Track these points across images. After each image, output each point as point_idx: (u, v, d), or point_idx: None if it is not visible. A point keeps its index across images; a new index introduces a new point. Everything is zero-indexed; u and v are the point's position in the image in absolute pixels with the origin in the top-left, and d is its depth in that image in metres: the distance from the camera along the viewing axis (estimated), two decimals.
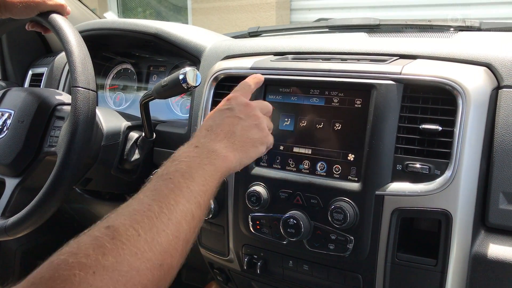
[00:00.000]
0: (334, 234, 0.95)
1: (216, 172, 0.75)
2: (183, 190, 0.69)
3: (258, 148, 0.86)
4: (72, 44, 1.08)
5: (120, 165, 1.30)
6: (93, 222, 0.62)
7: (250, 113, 0.88)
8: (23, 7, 1.09)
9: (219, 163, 0.77)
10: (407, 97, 0.92)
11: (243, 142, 0.83)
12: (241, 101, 0.89)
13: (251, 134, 0.85)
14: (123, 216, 0.62)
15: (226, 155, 0.79)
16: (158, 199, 0.65)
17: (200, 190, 0.71)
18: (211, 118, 0.86)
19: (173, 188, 0.68)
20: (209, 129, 0.83)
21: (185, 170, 0.72)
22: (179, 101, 1.52)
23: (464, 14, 3.71)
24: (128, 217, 0.61)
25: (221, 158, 0.78)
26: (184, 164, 0.73)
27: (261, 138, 0.87)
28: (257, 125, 0.87)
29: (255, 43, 1.27)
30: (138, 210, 0.63)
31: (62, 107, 1.23)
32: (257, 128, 0.87)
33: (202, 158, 0.76)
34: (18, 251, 1.82)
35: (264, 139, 0.88)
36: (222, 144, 0.80)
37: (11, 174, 1.19)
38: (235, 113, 0.86)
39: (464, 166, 0.87)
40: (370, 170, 0.92)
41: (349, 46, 1.12)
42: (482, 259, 0.91)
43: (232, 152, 0.80)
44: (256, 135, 0.86)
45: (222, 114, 0.86)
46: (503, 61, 0.95)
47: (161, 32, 1.40)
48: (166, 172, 0.72)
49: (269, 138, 0.90)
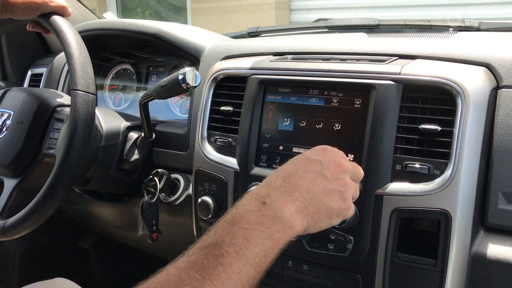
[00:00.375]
0: (333, 234, 0.95)
1: (274, 248, 0.66)
2: (231, 276, 0.60)
3: (332, 219, 0.75)
4: (72, 47, 1.08)
5: (120, 166, 1.30)
6: (92, 223, 0.62)
7: (339, 176, 0.76)
8: (24, 8, 1.09)
9: (280, 236, 0.67)
10: (406, 97, 0.92)
11: (318, 208, 0.72)
12: (335, 157, 0.78)
13: (330, 201, 0.74)
14: None
15: (292, 223, 0.68)
16: (200, 287, 0.57)
17: (250, 275, 0.62)
18: (294, 165, 0.76)
19: (224, 272, 0.60)
20: (286, 180, 0.73)
21: (241, 245, 0.63)
22: (179, 101, 1.52)
23: (463, 14, 3.72)
24: None
25: (286, 229, 0.68)
26: (242, 235, 0.64)
27: (340, 209, 0.75)
28: (341, 192, 0.76)
29: (255, 43, 1.27)
30: None
31: (61, 109, 1.23)
32: (340, 195, 0.76)
33: (265, 227, 0.66)
34: (17, 251, 1.82)
35: (343, 211, 0.76)
36: (294, 206, 0.70)
37: (10, 174, 1.19)
38: (323, 170, 0.75)
39: (464, 166, 0.87)
40: (369, 170, 0.91)
41: (348, 46, 1.12)
42: (482, 259, 0.91)
43: (300, 219, 0.70)
44: (335, 204, 0.75)
45: (308, 165, 0.76)
46: (502, 61, 0.95)
47: (160, 32, 1.40)
48: (221, 242, 0.63)
49: (349, 211, 0.78)
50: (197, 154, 1.16)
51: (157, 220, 1.27)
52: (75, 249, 1.97)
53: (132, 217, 1.41)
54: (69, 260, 1.96)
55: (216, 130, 1.15)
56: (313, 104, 1.00)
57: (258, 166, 1.05)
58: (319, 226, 0.73)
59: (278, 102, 1.05)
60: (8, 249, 1.82)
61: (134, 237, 1.37)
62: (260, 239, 0.65)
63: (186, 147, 1.30)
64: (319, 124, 0.99)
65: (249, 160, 1.05)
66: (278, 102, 1.05)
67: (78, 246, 1.98)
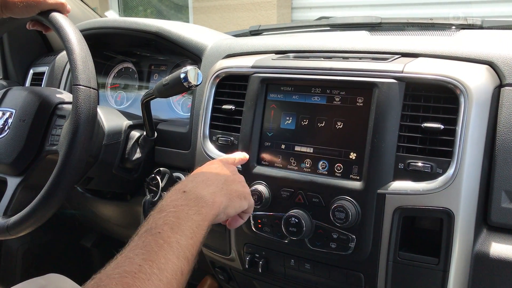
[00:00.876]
0: (336, 233, 0.95)
1: (204, 221, 0.76)
2: (172, 245, 0.69)
3: (242, 201, 0.88)
4: (73, 43, 1.08)
5: (122, 164, 1.30)
6: (94, 221, 0.63)
7: (235, 172, 0.94)
8: (23, 6, 1.09)
9: (206, 211, 0.78)
10: (409, 96, 0.92)
11: (229, 191, 0.86)
12: (227, 162, 0.96)
13: (237, 186, 0.89)
14: (114, 280, 0.61)
15: (213, 200, 0.80)
16: (148, 258, 0.65)
17: (189, 244, 0.71)
18: (199, 168, 0.91)
19: (163, 244, 0.68)
20: (196, 175, 0.87)
21: (174, 222, 0.72)
22: (180, 100, 1.52)
23: (466, 12, 3.70)
24: (119, 280, 0.61)
25: (209, 205, 0.79)
26: (172, 215, 0.73)
27: (245, 193, 0.90)
28: (241, 182, 0.92)
29: (257, 42, 1.27)
30: (129, 271, 0.62)
31: (63, 106, 1.23)
32: (241, 184, 0.91)
33: (190, 207, 0.76)
34: (20, 250, 1.82)
35: (247, 195, 0.91)
36: (210, 189, 0.82)
37: (13, 173, 1.19)
38: (222, 167, 0.91)
39: (466, 164, 0.86)
40: (372, 168, 0.91)
41: (350, 44, 1.12)
42: (484, 257, 0.91)
43: (219, 198, 0.82)
44: (241, 188, 0.90)
45: (210, 165, 0.92)
46: (506, 59, 0.94)
47: (162, 31, 1.40)
48: (155, 225, 0.71)
49: (251, 199, 0.93)
50: (199, 153, 1.16)
51: None
52: (77, 248, 1.98)
53: (134, 216, 1.41)
54: (71, 258, 1.96)
55: (218, 128, 1.15)
56: (315, 103, 1.00)
57: (260, 164, 1.05)
58: (235, 205, 0.86)
59: (280, 101, 1.04)
60: (11, 248, 1.82)
61: None
62: (188, 215, 0.74)
63: (188, 145, 1.30)
64: (321, 122, 0.99)
65: (251, 158, 1.05)
66: (280, 101, 1.04)
67: (80, 245, 1.98)
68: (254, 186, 1.02)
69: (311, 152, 1.00)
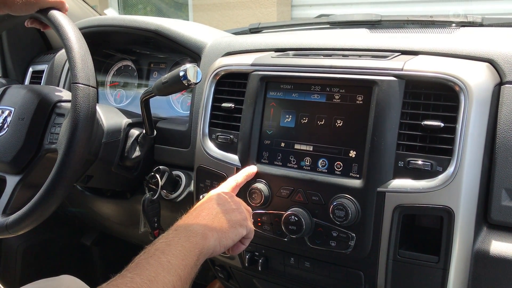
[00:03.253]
0: (335, 231, 0.95)
1: (194, 248, 0.79)
2: (163, 264, 0.72)
3: (238, 229, 0.89)
4: (71, 41, 1.08)
5: (121, 162, 1.30)
6: (94, 220, 0.64)
7: (229, 199, 0.93)
8: (22, 3, 1.09)
9: (197, 240, 0.80)
10: (409, 93, 0.92)
11: (222, 223, 0.87)
12: (220, 193, 0.95)
13: (230, 216, 0.89)
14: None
15: (204, 233, 0.82)
16: (139, 273, 0.69)
17: (180, 264, 0.74)
18: (193, 209, 0.91)
19: (154, 263, 0.72)
20: (189, 214, 0.89)
21: (165, 247, 0.76)
22: (180, 98, 1.52)
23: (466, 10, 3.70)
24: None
25: (199, 236, 0.81)
26: (163, 243, 0.77)
27: (241, 220, 0.91)
28: (236, 209, 0.92)
29: (256, 40, 1.27)
30: (120, 282, 0.67)
31: (62, 104, 1.22)
32: (237, 211, 0.91)
33: (180, 237, 0.80)
34: (19, 249, 1.82)
35: (244, 222, 0.91)
36: (201, 223, 0.85)
37: (12, 171, 1.19)
38: (214, 203, 0.91)
39: (466, 162, 0.86)
40: (371, 167, 0.91)
41: (350, 42, 1.12)
42: (485, 256, 0.91)
43: (210, 232, 0.83)
44: (235, 217, 0.90)
45: (202, 204, 0.91)
46: (506, 57, 0.94)
47: (161, 29, 1.39)
48: (147, 252, 0.76)
49: (249, 223, 0.93)
50: (199, 151, 1.16)
51: (159, 217, 1.27)
52: (77, 246, 1.98)
53: (134, 214, 1.41)
54: (71, 257, 1.96)
55: (218, 126, 1.15)
56: (315, 101, 1.00)
57: (260, 163, 1.05)
58: (229, 236, 0.87)
59: (280, 99, 1.04)
60: (11, 246, 1.82)
61: (136, 234, 1.37)
62: (179, 242, 0.78)
63: (187, 144, 1.30)
64: (321, 120, 0.99)
65: (250, 157, 1.05)
66: (279, 99, 1.04)
67: (80, 243, 1.98)
68: (254, 184, 1.02)
69: (311, 150, 1.00)
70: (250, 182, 1.03)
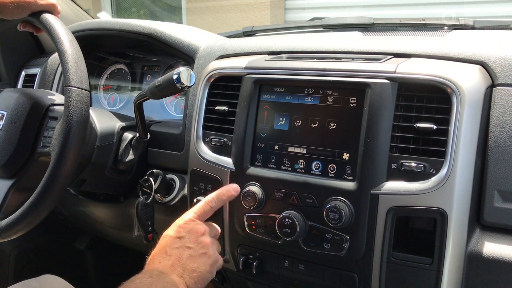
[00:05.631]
0: (329, 234, 0.95)
1: None
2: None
3: (208, 278, 0.93)
4: (64, 44, 1.07)
5: (114, 166, 1.29)
6: (88, 223, 0.63)
7: (199, 241, 0.94)
8: (14, 7, 1.09)
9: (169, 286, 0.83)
10: (401, 96, 0.92)
11: (191, 272, 0.89)
12: (193, 228, 0.95)
13: (199, 264, 0.91)
14: None
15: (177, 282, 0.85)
16: None
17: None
18: (163, 248, 0.92)
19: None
20: (161, 261, 0.90)
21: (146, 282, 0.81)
22: (174, 101, 1.52)
23: (458, 13, 3.72)
24: None
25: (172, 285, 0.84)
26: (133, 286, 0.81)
27: (211, 265, 0.93)
28: (205, 253, 0.93)
29: (250, 43, 1.27)
30: None
31: (55, 107, 1.22)
32: (206, 256, 0.93)
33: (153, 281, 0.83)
34: (13, 253, 1.81)
35: (214, 267, 0.95)
36: (173, 275, 0.87)
37: (5, 175, 1.18)
38: (185, 243, 0.92)
39: (459, 164, 0.87)
40: (365, 169, 0.91)
41: (343, 45, 1.12)
42: (478, 257, 0.91)
43: (182, 282, 0.87)
44: (204, 266, 0.92)
45: (173, 244, 0.92)
46: (497, 59, 0.95)
47: (154, 32, 1.39)
48: None
49: (219, 262, 0.97)
50: (193, 154, 1.16)
51: (153, 221, 1.27)
52: (71, 250, 1.97)
53: (128, 217, 1.40)
54: (65, 261, 1.95)
55: (211, 130, 1.15)
56: (309, 103, 1.00)
57: (254, 165, 1.05)
58: (201, 282, 0.91)
59: (273, 102, 1.04)
60: (3, 251, 1.81)
61: (130, 238, 1.36)
62: None
63: (181, 147, 1.30)
64: (314, 123, 0.99)
65: (244, 160, 1.05)
66: (273, 102, 1.04)
67: (73, 247, 1.97)
68: (248, 187, 1.02)
69: (305, 152, 1.00)
70: (244, 185, 1.03)
